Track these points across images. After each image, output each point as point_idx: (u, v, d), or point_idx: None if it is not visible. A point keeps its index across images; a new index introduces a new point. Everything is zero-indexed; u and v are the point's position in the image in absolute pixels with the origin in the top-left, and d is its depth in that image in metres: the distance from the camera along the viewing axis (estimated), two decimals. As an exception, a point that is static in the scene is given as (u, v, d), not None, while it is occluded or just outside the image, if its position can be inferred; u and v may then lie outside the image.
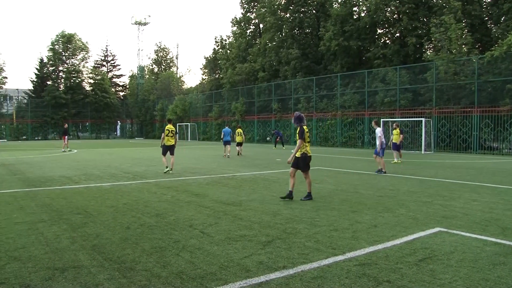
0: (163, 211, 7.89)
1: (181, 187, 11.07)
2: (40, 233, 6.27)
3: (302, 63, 42.96)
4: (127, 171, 15.16)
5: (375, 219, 7.11)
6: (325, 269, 4.65)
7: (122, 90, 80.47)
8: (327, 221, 6.97)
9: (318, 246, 5.51)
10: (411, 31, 34.30)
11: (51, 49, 65.82)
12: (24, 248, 5.49)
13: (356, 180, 12.62)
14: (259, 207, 8.26)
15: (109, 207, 8.26)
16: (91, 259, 5.02)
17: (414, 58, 35.29)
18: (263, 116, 45.27)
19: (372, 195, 9.72)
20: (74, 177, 13.52)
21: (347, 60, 39.33)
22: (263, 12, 48.43)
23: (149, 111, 69.81)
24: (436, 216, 7.33)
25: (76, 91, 65.96)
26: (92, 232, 6.32)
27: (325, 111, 37.92)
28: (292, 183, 9.12)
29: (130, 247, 5.50)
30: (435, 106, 29.14)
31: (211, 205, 8.49)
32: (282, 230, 6.36)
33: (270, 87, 45.03)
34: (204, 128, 55.70)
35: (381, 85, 33.33)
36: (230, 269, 4.65)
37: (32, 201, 9.00)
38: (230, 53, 55.78)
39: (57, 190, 10.77)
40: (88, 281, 4.30)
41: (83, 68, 69.20)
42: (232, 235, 6.07)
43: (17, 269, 4.68)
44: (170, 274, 4.49)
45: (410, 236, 6.04)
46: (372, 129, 29.55)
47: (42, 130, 64.10)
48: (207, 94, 57.67)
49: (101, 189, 10.91)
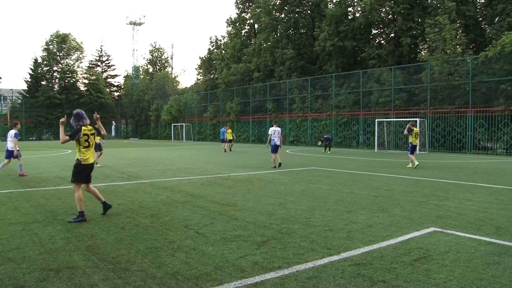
0: (158, 211, 7.88)
1: (176, 188, 11.05)
2: (35, 233, 6.25)
3: (297, 63, 43.00)
4: (122, 172, 15.12)
5: (370, 219, 7.12)
6: (320, 269, 4.66)
7: (117, 90, 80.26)
8: (322, 221, 6.98)
9: (313, 246, 5.51)
10: (406, 31, 34.40)
11: (45, 49, 65.63)
12: (18, 249, 5.46)
13: (351, 180, 12.63)
14: (254, 207, 8.26)
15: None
16: (85, 259, 5.00)
17: (408, 58, 35.41)
18: (258, 116, 45.27)
19: (367, 195, 9.73)
20: (69, 177, 13.42)
21: (342, 60, 39.41)
22: (258, 12, 48.44)
23: (144, 111, 69.71)
24: (430, 216, 7.36)
25: (70, 91, 65.72)
26: (87, 232, 6.30)
27: (320, 111, 37.96)
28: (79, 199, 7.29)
29: (125, 248, 5.48)
30: (430, 106, 29.24)
31: (206, 205, 8.48)
32: (277, 230, 6.37)
33: (265, 87, 45.04)
34: (199, 129, 55.64)
35: (376, 85, 33.39)
36: (225, 269, 4.65)
37: (26, 202, 8.96)
38: (225, 53, 55.81)
39: (52, 190, 10.72)
40: (83, 282, 4.28)
41: (78, 68, 69.05)
42: (227, 236, 6.07)
43: (11, 270, 4.66)
44: (165, 275, 4.49)
45: (405, 236, 6.06)
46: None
47: (37, 130, 63.82)
48: (202, 94, 57.60)
49: (96, 189, 10.84)
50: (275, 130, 16.74)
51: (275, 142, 16.61)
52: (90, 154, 7.44)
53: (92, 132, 7.50)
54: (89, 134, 7.40)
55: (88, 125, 7.44)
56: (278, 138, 16.70)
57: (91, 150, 7.45)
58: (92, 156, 7.50)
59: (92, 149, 7.48)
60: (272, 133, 16.74)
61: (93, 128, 7.54)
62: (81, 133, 7.27)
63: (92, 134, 7.48)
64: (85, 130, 7.35)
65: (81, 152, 7.30)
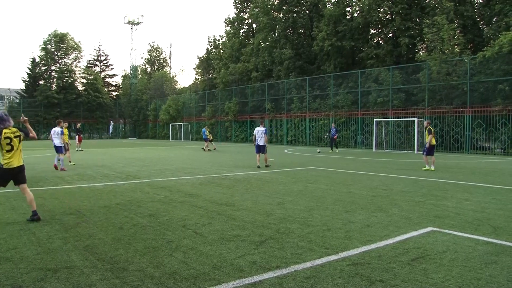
0: (156, 211, 7.87)
1: (174, 187, 11.04)
2: (32, 233, 6.24)
3: (295, 63, 42.99)
4: (120, 171, 15.11)
5: (368, 219, 7.13)
6: (318, 268, 4.66)
7: (115, 90, 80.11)
8: (320, 221, 6.98)
9: (311, 246, 5.51)
10: (404, 31, 34.42)
11: (43, 49, 65.53)
12: (16, 248, 5.45)
13: (349, 180, 12.64)
14: (252, 207, 8.26)
15: (102, 207, 8.22)
16: (83, 259, 5.00)
17: (407, 58, 35.44)
18: (256, 116, 45.23)
19: (365, 195, 9.74)
20: (67, 177, 13.45)
21: (340, 60, 39.42)
22: (256, 12, 48.39)
23: (142, 111, 69.64)
24: (429, 216, 7.36)
25: (68, 91, 65.65)
26: (85, 232, 6.29)
27: (318, 111, 37.97)
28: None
29: (123, 248, 5.48)
30: (428, 106, 29.26)
31: (204, 205, 8.47)
32: (275, 230, 6.37)
33: (263, 87, 45.03)
34: (197, 128, 55.55)
35: (374, 85, 33.42)
36: (223, 269, 4.65)
37: (24, 202, 8.91)
38: (223, 53, 55.71)
39: (50, 190, 10.71)
40: (81, 282, 4.28)
41: (76, 68, 68.99)
42: (225, 235, 6.07)
43: (9, 270, 4.65)
44: (163, 274, 4.48)
45: (403, 235, 6.07)
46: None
47: (35, 130, 63.25)
48: (200, 94, 57.57)
49: (94, 189, 10.86)
50: (258, 130, 16.89)
51: (258, 142, 16.70)
52: (14, 158, 7.02)
53: (17, 135, 7.06)
54: (12, 137, 6.96)
55: (11, 127, 7.00)
56: (261, 138, 16.69)
57: (14, 153, 7.02)
58: (16, 160, 7.06)
59: (16, 152, 7.05)
60: (255, 133, 16.93)
61: (18, 130, 7.10)
62: (1, 136, 6.86)
63: (16, 137, 7.04)
64: (6, 133, 6.92)
65: (3, 155, 6.95)
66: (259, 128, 16.92)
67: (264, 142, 16.69)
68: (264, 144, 16.68)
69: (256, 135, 16.83)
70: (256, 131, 16.90)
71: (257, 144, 16.73)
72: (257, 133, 16.83)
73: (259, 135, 16.74)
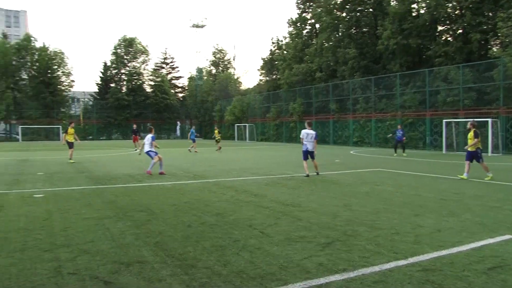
0: (223, 210, 8.00)
1: (241, 187, 11.17)
2: (107, 228, 6.54)
3: (360, 62, 42.14)
4: (187, 171, 15.50)
5: (439, 224, 6.85)
6: (386, 273, 4.54)
7: (181, 92, 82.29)
8: (388, 224, 6.80)
9: (379, 250, 5.38)
10: (475, 26, 32.69)
11: (114, 53, 68.74)
12: (92, 242, 5.74)
13: (416, 182, 12.22)
14: (318, 208, 8.19)
15: (171, 206, 8.47)
16: (154, 255, 5.17)
17: (478, 55, 33.61)
18: (321, 116, 44.85)
19: (434, 198, 9.37)
20: (137, 175, 13.98)
21: (407, 59, 38.15)
22: (319, 12, 47.93)
23: (207, 112, 70.93)
24: (506, 222, 6.94)
25: (137, 93, 68.33)
26: (155, 229, 6.51)
27: (384, 112, 37.04)
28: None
29: (191, 245, 5.61)
30: (503, 106, 27.67)
31: (270, 205, 8.51)
32: (342, 232, 6.27)
33: (328, 88, 44.52)
34: (262, 129, 55.95)
35: (443, 84, 32.06)
36: (290, 269, 4.64)
37: (98, 198, 9.41)
38: (287, 54, 55.64)
39: (121, 188, 11.19)
40: (152, 276, 4.43)
41: (144, 70, 71.69)
42: (291, 236, 6.06)
43: (87, 261, 4.91)
44: (231, 273, 4.54)
45: (478, 242, 5.75)
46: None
47: (107, 131, 66.88)
48: (265, 95, 57.87)
49: (163, 187, 11.22)
50: (307, 133, 13.92)
51: (307, 148, 13.93)
52: None
53: None
54: None
55: None
56: (311, 143, 13.94)
57: None
58: None
59: None
60: (304, 137, 13.94)
61: None
62: None
63: None
64: None
65: None
66: (308, 130, 13.96)
67: (313, 147, 14.09)
68: (313, 150, 14.09)
69: (305, 138, 13.88)
70: (305, 134, 13.88)
71: (305, 149, 13.95)
72: (305, 137, 13.88)
73: (308, 139, 13.87)
